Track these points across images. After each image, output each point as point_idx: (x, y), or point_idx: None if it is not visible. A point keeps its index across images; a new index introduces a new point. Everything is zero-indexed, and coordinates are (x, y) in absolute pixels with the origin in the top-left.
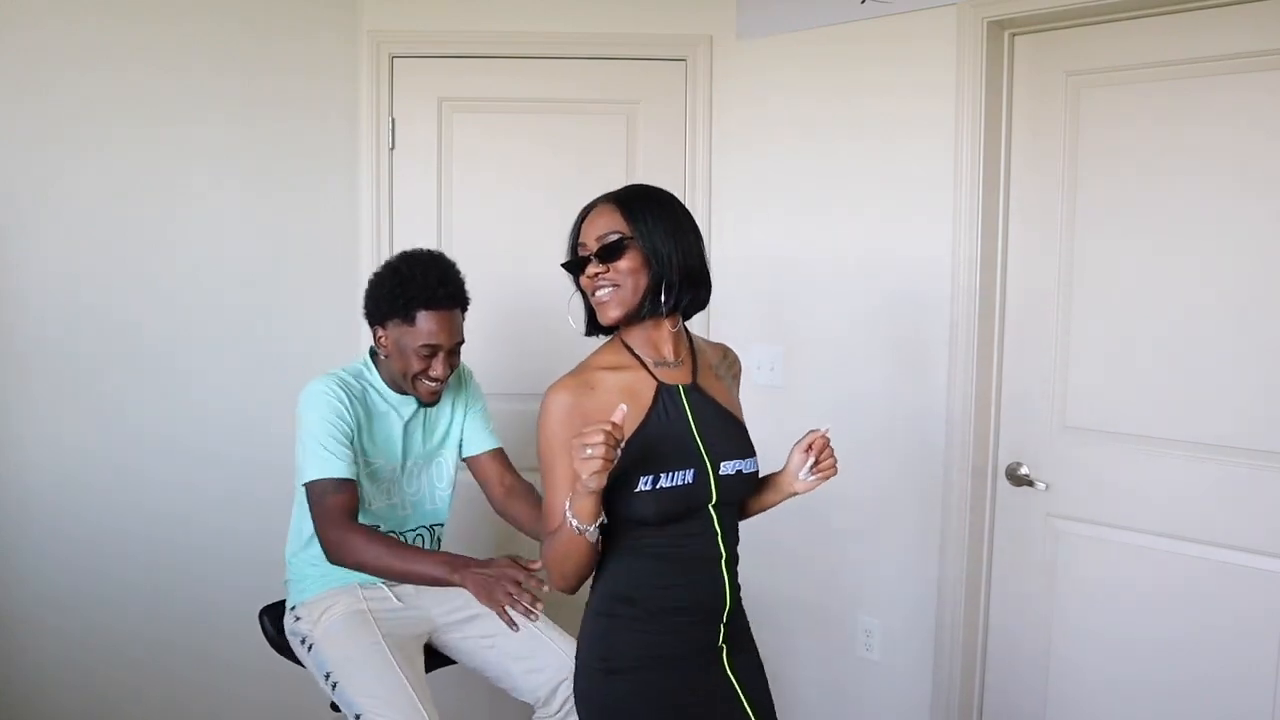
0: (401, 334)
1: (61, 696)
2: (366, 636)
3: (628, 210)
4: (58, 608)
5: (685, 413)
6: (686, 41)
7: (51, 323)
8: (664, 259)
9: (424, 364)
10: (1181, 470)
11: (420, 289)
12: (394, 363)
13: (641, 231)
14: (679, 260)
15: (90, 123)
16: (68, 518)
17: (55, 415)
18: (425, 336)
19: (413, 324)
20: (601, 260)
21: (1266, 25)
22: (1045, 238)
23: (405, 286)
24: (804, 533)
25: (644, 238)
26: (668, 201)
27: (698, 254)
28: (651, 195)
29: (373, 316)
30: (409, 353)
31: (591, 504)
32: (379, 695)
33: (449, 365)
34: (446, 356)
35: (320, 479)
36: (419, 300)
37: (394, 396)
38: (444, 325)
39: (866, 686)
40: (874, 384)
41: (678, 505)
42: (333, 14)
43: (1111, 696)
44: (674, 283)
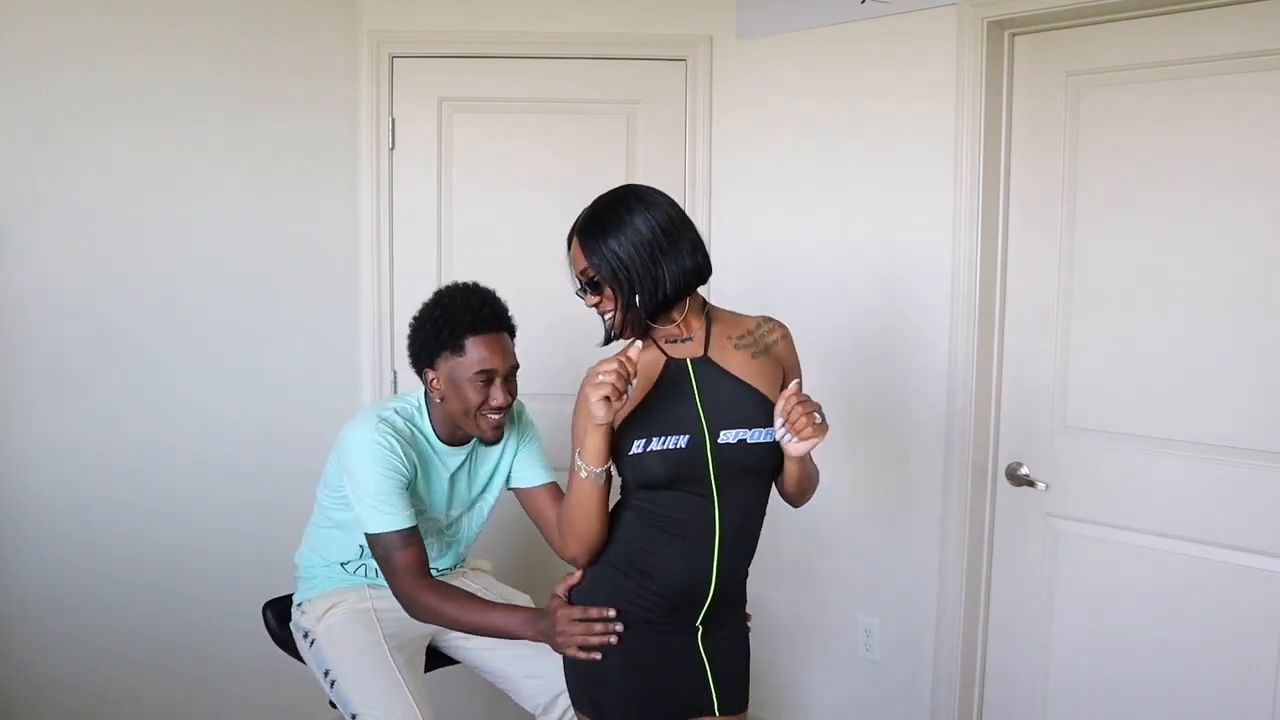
0: (453, 368)
1: (61, 696)
2: (368, 636)
3: (584, 245)
4: (58, 608)
5: (691, 383)
6: (686, 41)
7: (51, 323)
8: (623, 281)
9: (482, 394)
10: (1181, 470)
11: (464, 315)
12: (451, 404)
13: (596, 264)
14: (640, 270)
15: (90, 122)
16: (67, 518)
17: (55, 415)
18: (478, 363)
19: (463, 353)
20: (588, 293)
21: (1266, 25)
22: (1045, 238)
23: (449, 316)
24: (804, 533)
25: (600, 269)
26: (615, 217)
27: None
28: (600, 219)
29: (421, 359)
30: (464, 386)
31: (598, 440)
32: (375, 696)
33: (508, 392)
34: (504, 382)
35: (384, 533)
36: (464, 327)
37: (442, 448)
38: (495, 348)
39: (866, 686)
40: (873, 383)
41: (669, 469)
42: (333, 14)
43: (1111, 696)
44: (641, 296)
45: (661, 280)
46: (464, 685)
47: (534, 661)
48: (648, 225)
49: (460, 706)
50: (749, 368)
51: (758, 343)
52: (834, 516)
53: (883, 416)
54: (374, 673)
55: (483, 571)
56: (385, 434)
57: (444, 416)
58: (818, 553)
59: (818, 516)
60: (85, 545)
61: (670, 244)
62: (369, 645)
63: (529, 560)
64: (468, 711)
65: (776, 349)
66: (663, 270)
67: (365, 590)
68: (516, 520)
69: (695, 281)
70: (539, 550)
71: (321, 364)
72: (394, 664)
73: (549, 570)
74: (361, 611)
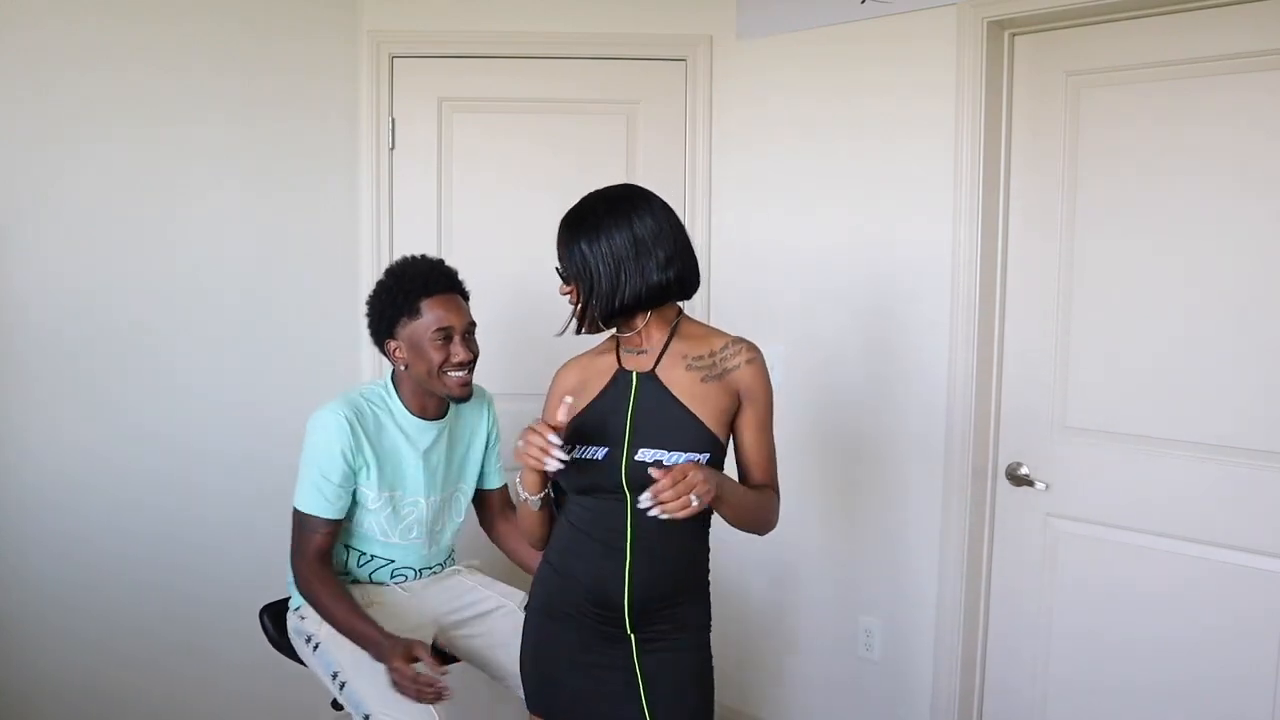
0: (412, 331)
1: (61, 694)
2: None
3: (561, 237)
4: (58, 605)
5: (629, 397)
6: (686, 41)
7: (51, 322)
8: (584, 281)
9: (443, 352)
10: (1181, 470)
11: (415, 279)
12: (416, 368)
13: (565, 259)
14: (600, 275)
15: (90, 122)
16: (68, 516)
17: (55, 414)
18: (435, 322)
19: (419, 315)
20: (562, 282)
21: (1266, 25)
22: (1045, 238)
23: (401, 283)
24: (803, 533)
25: (567, 266)
26: (594, 218)
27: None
28: (581, 216)
29: (382, 331)
30: (425, 347)
31: (533, 479)
32: (387, 695)
33: (469, 348)
34: (463, 339)
35: (308, 514)
36: (418, 290)
37: (413, 423)
38: (450, 307)
39: (866, 686)
40: (873, 383)
41: (583, 479)
42: (333, 14)
43: (1111, 696)
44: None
45: (620, 290)
46: (464, 685)
47: None
48: (623, 235)
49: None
50: (694, 390)
51: (714, 366)
52: (834, 516)
53: (882, 416)
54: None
55: (475, 569)
56: (344, 417)
57: (413, 388)
58: (818, 553)
59: (817, 516)
60: (85, 543)
61: (640, 256)
62: None
63: None
64: (467, 712)
65: (736, 374)
66: (624, 280)
67: (364, 590)
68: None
69: (660, 298)
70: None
71: (321, 363)
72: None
73: None
74: None
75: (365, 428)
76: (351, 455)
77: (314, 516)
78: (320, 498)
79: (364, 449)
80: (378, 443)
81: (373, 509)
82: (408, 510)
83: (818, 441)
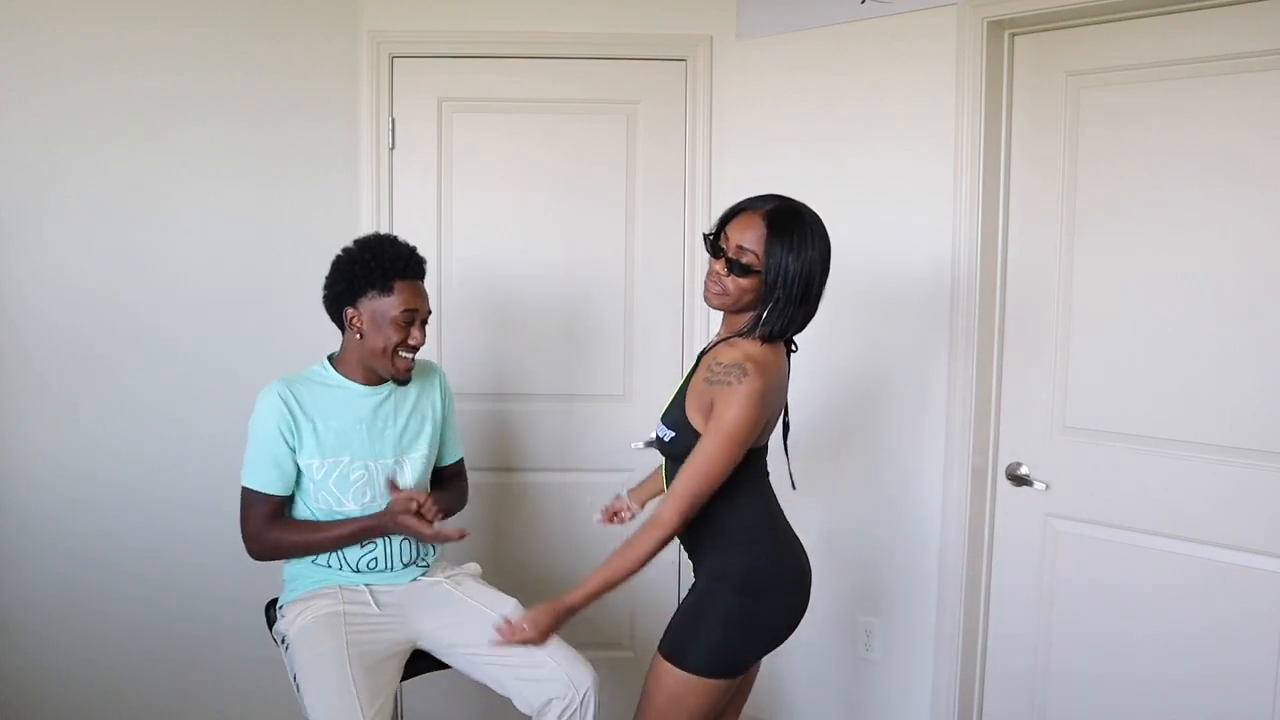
0: (379, 306)
1: (67, 690)
2: (330, 641)
3: (770, 239)
4: (64, 602)
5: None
6: (686, 41)
7: (54, 324)
8: (774, 293)
9: (403, 333)
10: (1181, 470)
11: (395, 259)
12: (371, 340)
13: (770, 265)
14: (785, 294)
15: (93, 124)
16: (73, 513)
17: (60, 412)
18: (404, 304)
19: (391, 293)
20: (730, 270)
21: (1266, 25)
22: (1045, 238)
23: (380, 259)
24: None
25: (769, 271)
26: (807, 235)
27: (812, 283)
28: (796, 229)
29: (343, 297)
30: (387, 324)
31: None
32: (326, 703)
33: (424, 335)
34: (422, 325)
35: (255, 490)
36: (395, 270)
37: (354, 389)
38: (420, 293)
39: (866, 686)
40: (873, 383)
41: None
42: (333, 14)
43: (1111, 696)
44: (775, 311)
45: (795, 319)
46: (461, 688)
47: (530, 669)
48: (823, 269)
49: (460, 708)
50: (698, 385)
51: (713, 373)
52: (834, 515)
53: (883, 416)
54: (330, 682)
55: (470, 575)
56: (277, 395)
57: (358, 358)
58: (817, 552)
59: (817, 516)
60: (91, 539)
61: (819, 291)
62: (331, 651)
63: (519, 561)
64: (466, 711)
65: (718, 388)
66: (799, 311)
67: (338, 592)
68: (509, 521)
69: (790, 330)
70: (528, 552)
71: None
72: (350, 672)
73: (538, 571)
74: (330, 615)
75: (300, 402)
76: (289, 431)
77: (258, 491)
78: (262, 473)
79: (299, 423)
80: (315, 413)
81: (318, 479)
82: (357, 475)
83: (817, 441)
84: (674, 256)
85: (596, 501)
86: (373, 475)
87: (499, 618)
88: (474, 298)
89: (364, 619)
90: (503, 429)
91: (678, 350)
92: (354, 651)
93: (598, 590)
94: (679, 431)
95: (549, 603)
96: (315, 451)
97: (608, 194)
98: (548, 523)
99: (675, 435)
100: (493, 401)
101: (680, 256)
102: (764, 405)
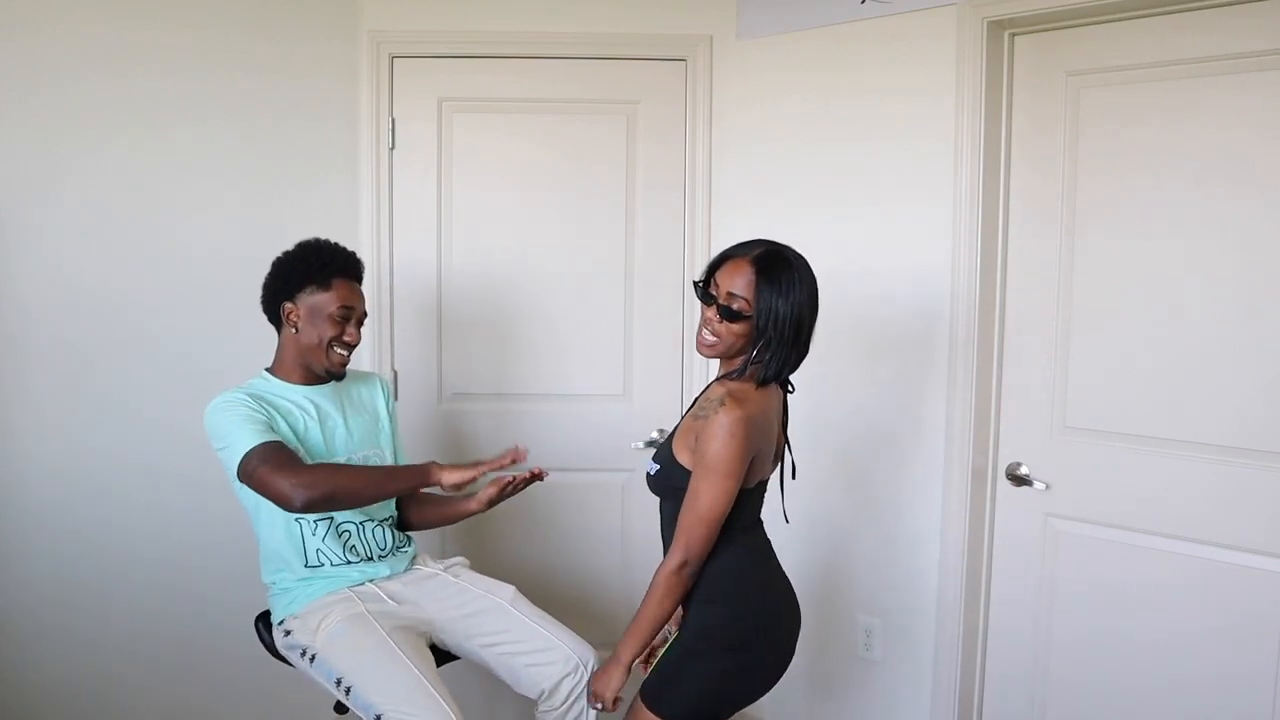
0: (316, 301)
1: (63, 693)
2: (371, 636)
3: (760, 285)
4: (60, 604)
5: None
6: (686, 41)
7: (54, 322)
8: (766, 336)
9: (339, 329)
10: (1181, 470)
11: (335, 258)
12: (306, 335)
13: (761, 310)
14: (777, 337)
15: (93, 124)
16: (70, 515)
17: (58, 413)
18: (341, 300)
19: (329, 289)
20: (721, 316)
21: (1266, 25)
22: (1045, 238)
23: (320, 257)
24: (803, 532)
25: (760, 315)
26: (795, 280)
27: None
28: (784, 274)
29: (281, 293)
30: (323, 319)
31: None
32: (396, 693)
33: (359, 334)
34: (358, 323)
35: (254, 445)
36: (335, 268)
37: (298, 392)
38: (356, 292)
39: (866, 686)
40: (874, 383)
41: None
42: (333, 14)
43: (1111, 696)
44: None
45: (788, 360)
46: (464, 681)
47: (538, 649)
48: (811, 311)
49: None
50: (685, 420)
51: (700, 409)
52: (834, 516)
53: (883, 416)
54: (389, 671)
55: (464, 567)
56: (234, 393)
57: (294, 355)
58: (817, 553)
59: (817, 516)
60: (88, 541)
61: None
62: (376, 644)
63: (519, 561)
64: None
65: (700, 425)
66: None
67: (349, 594)
68: (509, 521)
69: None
70: (528, 552)
71: None
72: (406, 659)
73: (539, 572)
74: (356, 616)
75: (256, 398)
76: (261, 407)
77: (268, 442)
78: (260, 429)
79: (266, 409)
80: (273, 409)
81: None
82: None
83: (817, 441)
84: (674, 256)
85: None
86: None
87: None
88: (474, 297)
89: (387, 613)
90: (503, 429)
91: (677, 349)
92: (397, 638)
93: (643, 640)
94: (664, 466)
95: (612, 665)
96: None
97: (608, 194)
98: (547, 522)
99: (660, 469)
100: (493, 401)
101: (680, 256)
102: (748, 436)
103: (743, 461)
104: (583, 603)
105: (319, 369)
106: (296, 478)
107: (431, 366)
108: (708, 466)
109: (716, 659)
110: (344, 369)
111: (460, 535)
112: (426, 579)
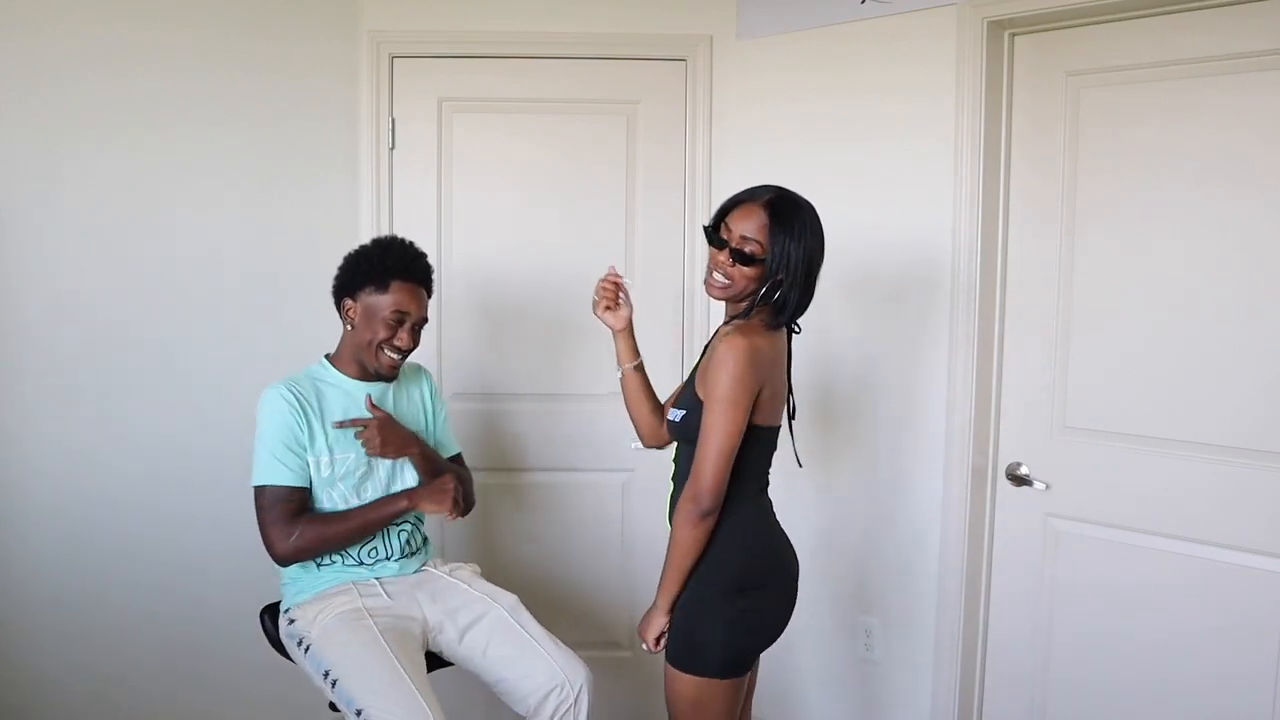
0: (372, 302)
1: (61, 695)
2: (364, 633)
3: (773, 228)
4: (58, 608)
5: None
6: (686, 41)
7: (52, 323)
8: (776, 278)
9: (390, 332)
10: (1181, 470)
11: (398, 260)
12: (360, 333)
13: (775, 253)
14: (789, 279)
15: (92, 124)
16: (67, 518)
17: (55, 416)
18: (396, 304)
19: (386, 291)
20: (734, 259)
21: (1266, 25)
22: (1045, 237)
23: (384, 257)
24: (803, 532)
25: (774, 259)
26: (805, 223)
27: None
28: (796, 218)
29: (345, 288)
30: (377, 320)
31: (618, 344)
32: (379, 690)
33: (413, 339)
34: (412, 329)
35: (269, 485)
36: (395, 270)
37: (355, 385)
38: (414, 297)
39: (866, 686)
40: (874, 383)
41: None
42: (333, 14)
43: (1111, 696)
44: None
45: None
46: (461, 685)
47: (528, 662)
48: (820, 255)
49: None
50: (705, 361)
51: (711, 349)
52: (834, 516)
53: (882, 416)
54: (375, 669)
55: (471, 573)
56: (285, 392)
57: (352, 351)
58: (817, 553)
59: (817, 516)
60: (85, 545)
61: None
62: (367, 641)
63: (518, 561)
64: (465, 711)
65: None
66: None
67: (351, 589)
68: (509, 521)
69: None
70: (527, 552)
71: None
72: (394, 657)
73: (539, 572)
74: (354, 610)
75: (306, 398)
76: (300, 423)
77: (278, 485)
78: (281, 467)
79: (310, 418)
80: (321, 410)
81: (325, 475)
82: (361, 470)
83: (817, 441)
84: (674, 256)
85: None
86: (374, 470)
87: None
88: (474, 297)
89: (383, 610)
90: (503, 429)
91: (677, 349)
92: (389, 638)
93: (678, 587)
94: (689, 410)
95: (652, 612)
96: (324, 447)
97: (608, 194)
98: (547, 523)
99: (685, 414)
100: (493, 401)
101: (680, 256)
102: (753, 362)
103: (749, 390)
104: (582, 603)
105: (370, 368)
106: (286, 541)
107: (431, 366)
108: (716, 398)
109: (728, 603)
110: (395, 371)
111: (461, 535)
112: (429, 581)
